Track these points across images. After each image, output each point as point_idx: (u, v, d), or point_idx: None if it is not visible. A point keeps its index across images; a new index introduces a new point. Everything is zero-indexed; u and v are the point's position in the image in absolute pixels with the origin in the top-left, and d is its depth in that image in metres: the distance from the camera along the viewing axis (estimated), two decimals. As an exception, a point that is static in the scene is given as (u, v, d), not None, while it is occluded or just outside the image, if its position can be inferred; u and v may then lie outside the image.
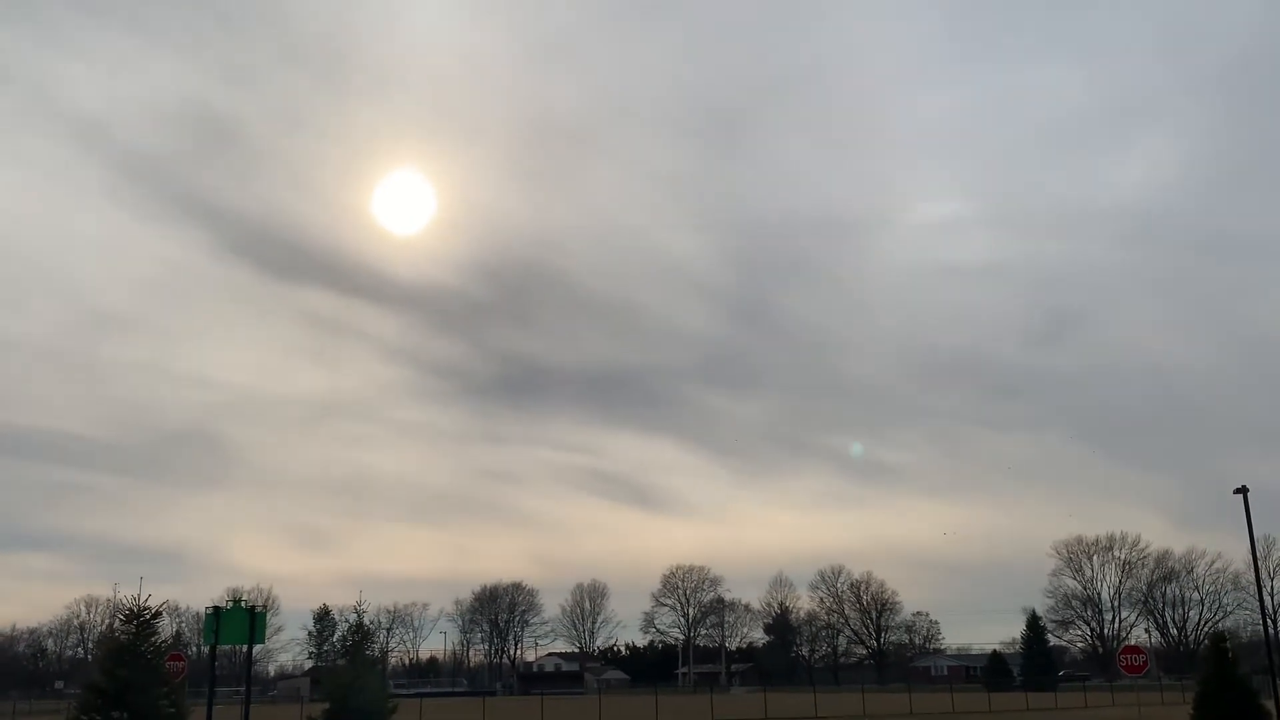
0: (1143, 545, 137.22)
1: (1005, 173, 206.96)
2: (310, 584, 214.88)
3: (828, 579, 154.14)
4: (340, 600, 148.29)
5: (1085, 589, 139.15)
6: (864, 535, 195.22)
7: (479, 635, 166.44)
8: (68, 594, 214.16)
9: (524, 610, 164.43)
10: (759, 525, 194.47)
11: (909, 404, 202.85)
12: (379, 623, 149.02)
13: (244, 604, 31.04)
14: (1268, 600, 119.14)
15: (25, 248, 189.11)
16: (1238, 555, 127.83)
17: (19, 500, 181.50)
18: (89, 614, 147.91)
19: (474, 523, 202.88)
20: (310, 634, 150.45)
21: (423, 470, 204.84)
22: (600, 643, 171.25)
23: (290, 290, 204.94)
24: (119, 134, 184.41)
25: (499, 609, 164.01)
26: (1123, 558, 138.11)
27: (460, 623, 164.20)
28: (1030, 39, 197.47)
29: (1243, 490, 39.93)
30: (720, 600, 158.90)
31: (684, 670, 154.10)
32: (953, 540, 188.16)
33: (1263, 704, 26.43)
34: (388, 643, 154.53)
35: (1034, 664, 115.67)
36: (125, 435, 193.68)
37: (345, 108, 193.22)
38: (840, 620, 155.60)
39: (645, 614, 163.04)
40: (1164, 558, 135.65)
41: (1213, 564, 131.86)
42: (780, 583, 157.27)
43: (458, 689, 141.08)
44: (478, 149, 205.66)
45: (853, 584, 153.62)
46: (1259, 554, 46.24)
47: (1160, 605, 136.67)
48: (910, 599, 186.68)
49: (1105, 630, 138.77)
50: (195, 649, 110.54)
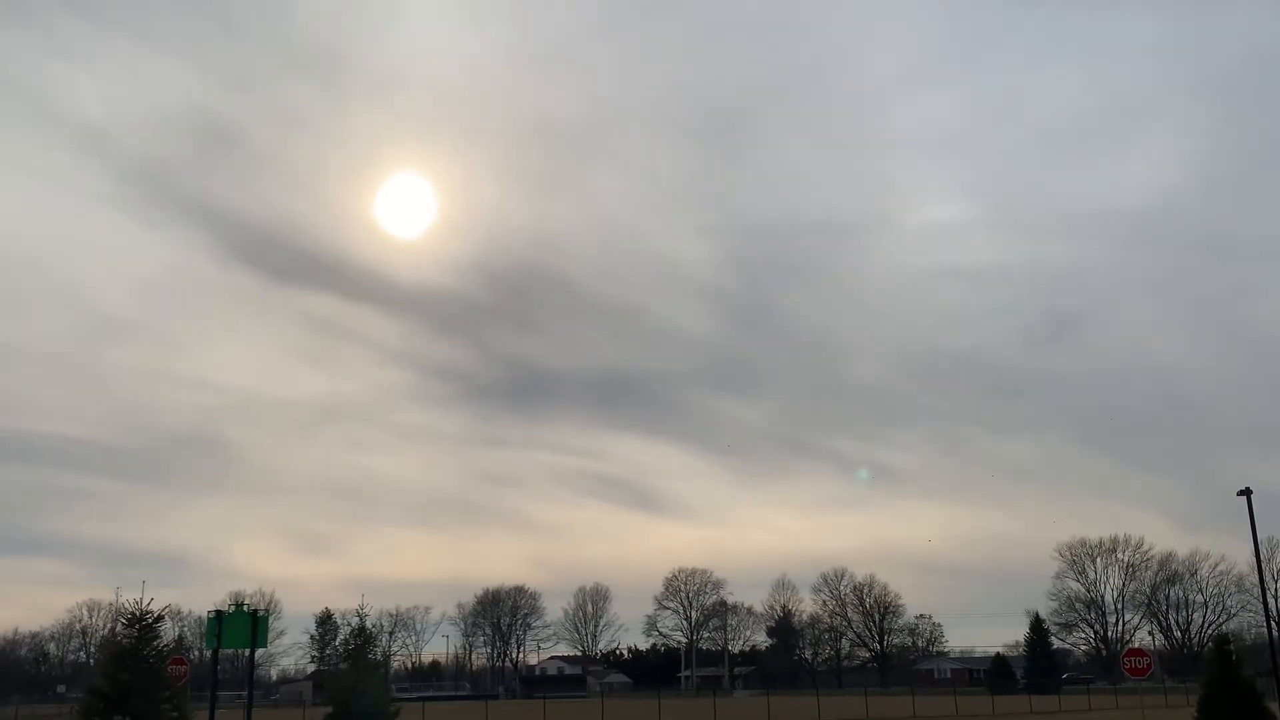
0: (1146, 547, 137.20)
1: (1006, 174, 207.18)
2: (312, 588, 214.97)
3: (830, 582, 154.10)
4: (342, 604, 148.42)
5: (1088, 591, 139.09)
6: (866, 537, 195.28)
7: (481, 639, 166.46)
8: (70, 598, 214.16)
9: (526, 614, 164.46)
10: (761, 528, 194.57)
11: (911, 406, 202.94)
12: (381, 626, 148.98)
13: (246, 608, 31.02)
14: (1271, 603, 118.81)
15: (28, 252, 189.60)
16: (1241, 557, 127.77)
17: (21, 504, 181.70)
18: (91, 618, 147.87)
19: (476, 526, 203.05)
20: (312, 638, 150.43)
21: (425, 473, 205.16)
22: (603, 646, 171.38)
23: (292, 294, 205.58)
24: (121, 139, 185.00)
25: (501, 612, 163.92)
26: (1126, 560, 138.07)
27: (462, 626, 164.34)
28: (1031, 40, 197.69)
29: (1246, 492, 39.90)
30: (723, 603, 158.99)
31: (687, 673, 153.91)
32: (955, 543, 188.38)
33: (1267, 706, 26.36)
34: (390, 646, 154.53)
35: (1037, 667, 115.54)
36: (127, 439, 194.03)
37: (346, 112, 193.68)
38: (843, 623, 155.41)
39: (648, 617, 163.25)
40: (1167, 560, 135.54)
41: (1216, 566, 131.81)
42: (783, 585, 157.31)
43: (460, 693, 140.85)
44: (478, 152, 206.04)
45: (855, 586, 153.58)
46: (1263, 556, 46.19)
47: (1164, 608, 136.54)
48: (913, 602, 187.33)
49: (1109, 633, 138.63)
50: (197, 653, 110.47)
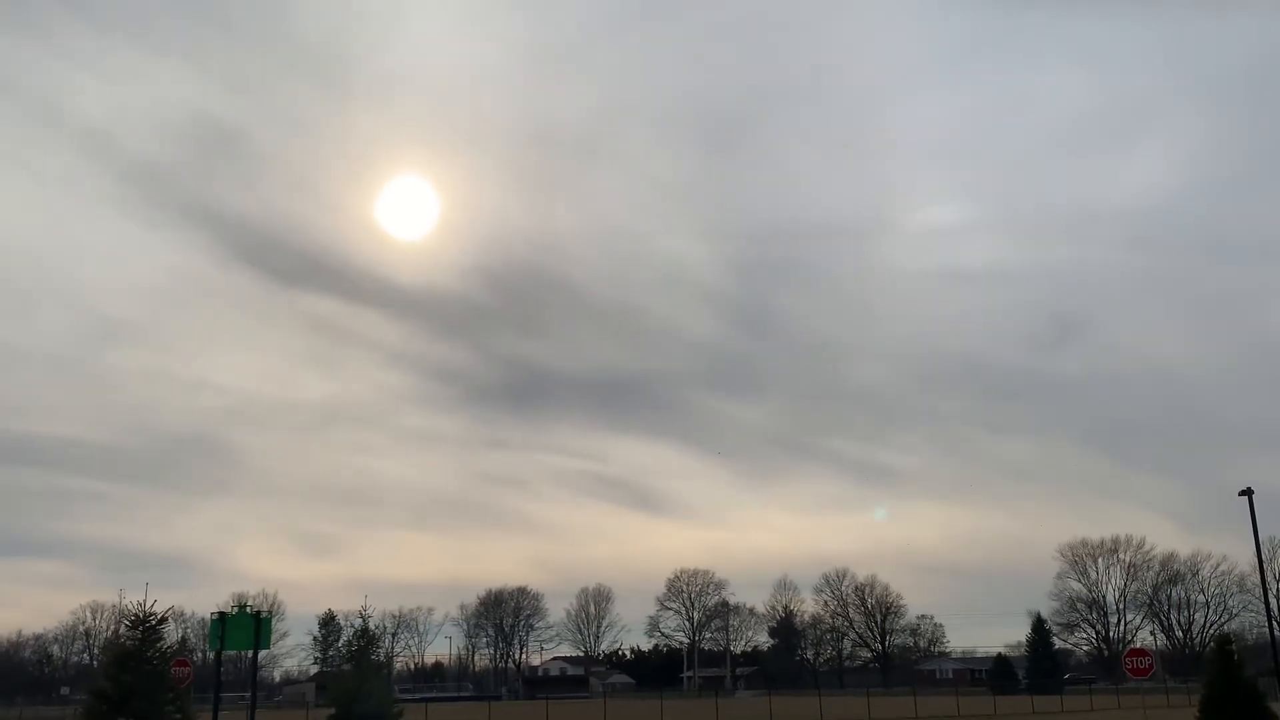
0: (1148, 548, 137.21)
1: (1007, 176, 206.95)
2: (315, 589, 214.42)
3: (832, 582, 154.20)
4: (345, 605, 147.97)
5: (1090, 592, 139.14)
6: (868, 538, 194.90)
7: (484, 640, 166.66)
8: (73, 600, 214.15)
9: (529, 615, 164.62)
10: (763, 529, 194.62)
11: (913, 408, 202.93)
12: (384, 628, 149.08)
13: (249, 609, 31.10)
14: (1273, 603, 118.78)
15: (32, 256, 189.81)
16: (1243, 557, 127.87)
17: (25, 507, 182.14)
18: (95, 620, 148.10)
19: (478, 528, 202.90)
20: (315, 639, 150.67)
21: (427, 475, 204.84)
22: (605, 647, 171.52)
23: (295, 296, 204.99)
24: (124, 143, 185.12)
25: (504, 613, 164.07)
26: (1128, 560, 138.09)
27: (465, 627, 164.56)
28: (1032, 43, 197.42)
29: (1248, 492, 39.92)
30: (725, 604, 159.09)
31: (689, 674, 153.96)
32: (956, 543, 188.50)
33: (1269, 707, 26.38)
34: (393, 648, 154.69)
35: (1039, 667, 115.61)
36: (131, 441, 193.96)
37: (348, 114, 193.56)
38: (845, 624, 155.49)
39: (650, 618, 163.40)
40: (1169, 560, 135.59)
41: (1218, 566, 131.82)
42: (784, 586, 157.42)
43: (463, 694, 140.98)
44: (481, 155, 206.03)
45: (857, 587, 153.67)
46: (1264, 556, 46.25)
47: (1165, 608, 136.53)
48: (915, 602, 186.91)
49: (1110, 633, 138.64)
50: (201, 655, 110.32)
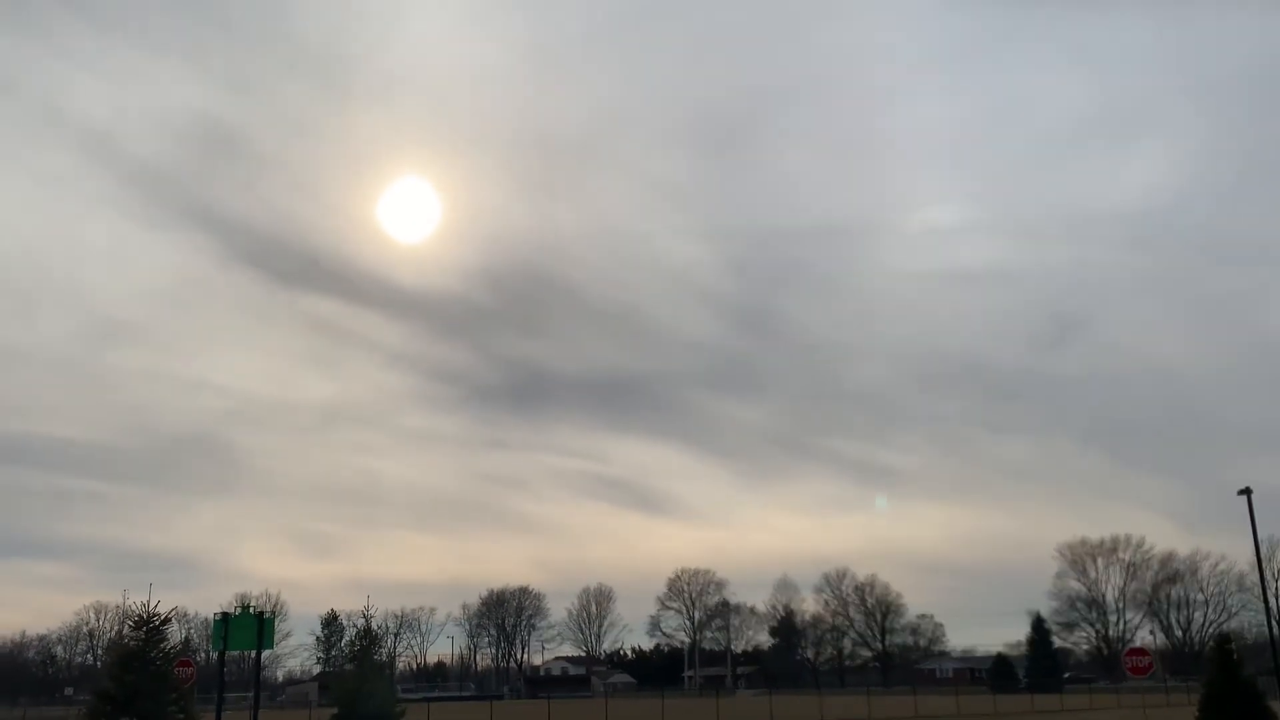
0: (1147, 547, 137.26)
1: (1007, 177, 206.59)
2: (317, 589, 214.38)
3: (832, 582, 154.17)
4: (348, 605, 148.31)
5: (1090, 591, 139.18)
6: (868, 538, 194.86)
7: (486, 640, 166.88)
8: (77, 601, 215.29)
9: (530, 615, 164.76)
10: (763, 529, 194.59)
11: (912, 408, 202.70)
12: (386, 628, 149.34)
13: (252, 610, 31.25)
14: (1272, 601, 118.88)
15: (34, 257, 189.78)
16: (1242, 557, 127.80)
17: (29, 508, 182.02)
18: (98, 621, 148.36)
19: (480, 528, 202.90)
20: (318, 639, 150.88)
21: (429, 476, 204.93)
22: (607, 646, 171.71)
23: (296, 297, 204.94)
24: (126, 144, 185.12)
25: (506, 613, 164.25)
26: (1127, 559, 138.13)
27: (467, 627, 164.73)
28: (1031, 44, 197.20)
29: (1247, 492, 40.07)
30: (725, 603, 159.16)
31: (690, 673, 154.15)
32: (956, 543, 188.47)
33: (1268, 705, 26.51)
34: (395, 648, 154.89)
35: (1039, 666, 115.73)
36: (133, 442, 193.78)
37: (350, 116, 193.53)
38: (845, 623, 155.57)
39: (651, 618, 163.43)
40: (1168, 559, 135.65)
41: (1217, 565, 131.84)
42: (785, 586, 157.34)
43: (465, 693, 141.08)
44: (482, 157, 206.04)
45: (857, 586, 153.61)
46: (1263, 555, 46.32)
47: (1165, 607, 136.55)
48: (915, 601, 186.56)
49: (1110, 632, 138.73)
50: (204, 655, 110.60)
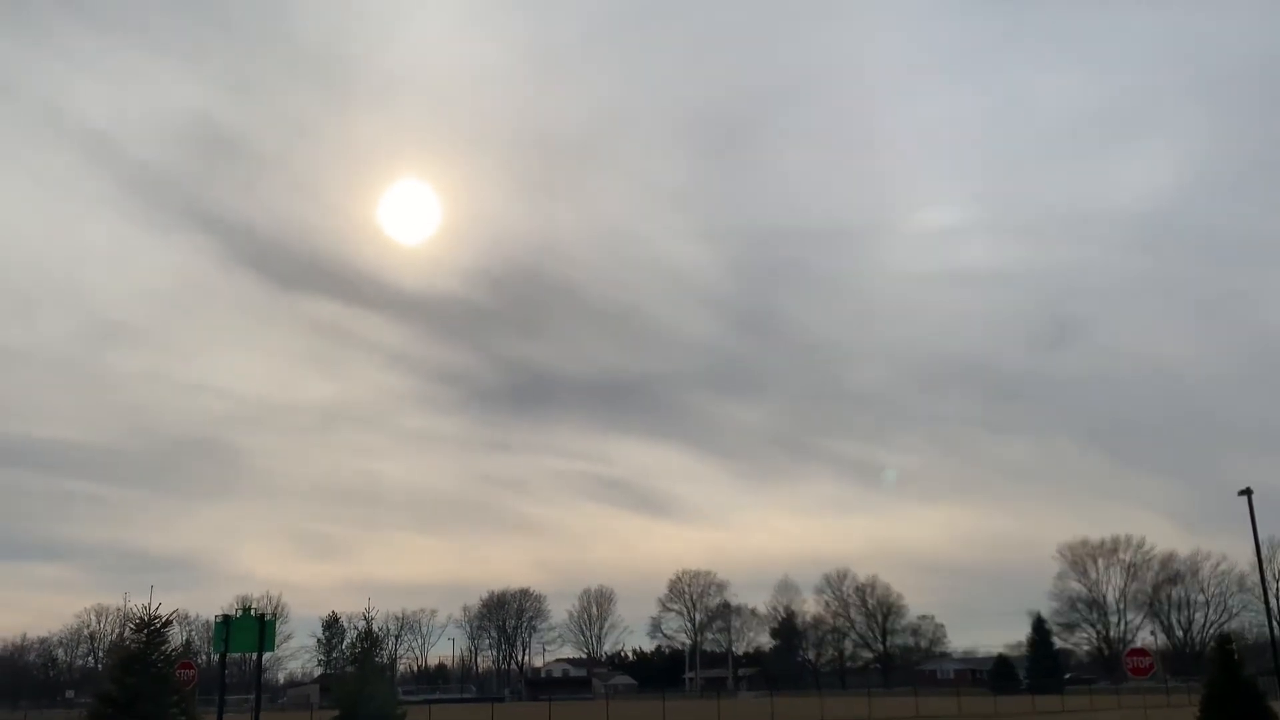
0: (1148, 547, 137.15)
1: (1007, 177, 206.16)
2: (318, 591, 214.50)
3: (833, 583, 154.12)
4: (349, 607, 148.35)
5: (1090, 592, 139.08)
6: (869, 539, 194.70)
7: (487, 642, 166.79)
8: (78, 603, 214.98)
9: (532, 616, 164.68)
10: (764, 530, 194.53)
11: (913, 409, 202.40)
12: (387, 630, 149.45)
13: (253, 612, 31.28)
14: (1273, 602, 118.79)
15: (34, 259, 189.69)
16: (1243, 557, 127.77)
17: (29, 510, 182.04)
18: (99, 623, 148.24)
19: (481, 529, 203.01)
20: (319, 641, 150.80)
21: (430, 477, 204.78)
22: (608, 648, 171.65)
23: (297, 299, 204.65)
24: (126, 147, 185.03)
25: (507, 615, 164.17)
26: (1128, 560, 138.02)
27: (468, 629, 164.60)
28: (1031, 43, 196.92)
29: (1247, 492, 40.08)
30: (726, 605, 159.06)
31: (691, 675, 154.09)
32: (957, 543, 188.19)
33: (1269, 706, 26.51)
34: (396, 650, 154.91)
35: (1040, 667, 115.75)
36: (134, 444, 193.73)
37: (350, 118, 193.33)
38: (846, 624, 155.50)
39: (652, 619, 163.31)
40: (1169, 560, 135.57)
41: (1218, 566, 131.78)
42: (785, 587, 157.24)
43: (466, 695, 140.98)
44: (482, 158, 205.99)
45: (858, 588, 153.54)
46: (1264, 555, 46.33)
47: (1166, 608, 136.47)
48: (916, 602, 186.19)
49: (1111, 633, 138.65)
50: (205, 657, 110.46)
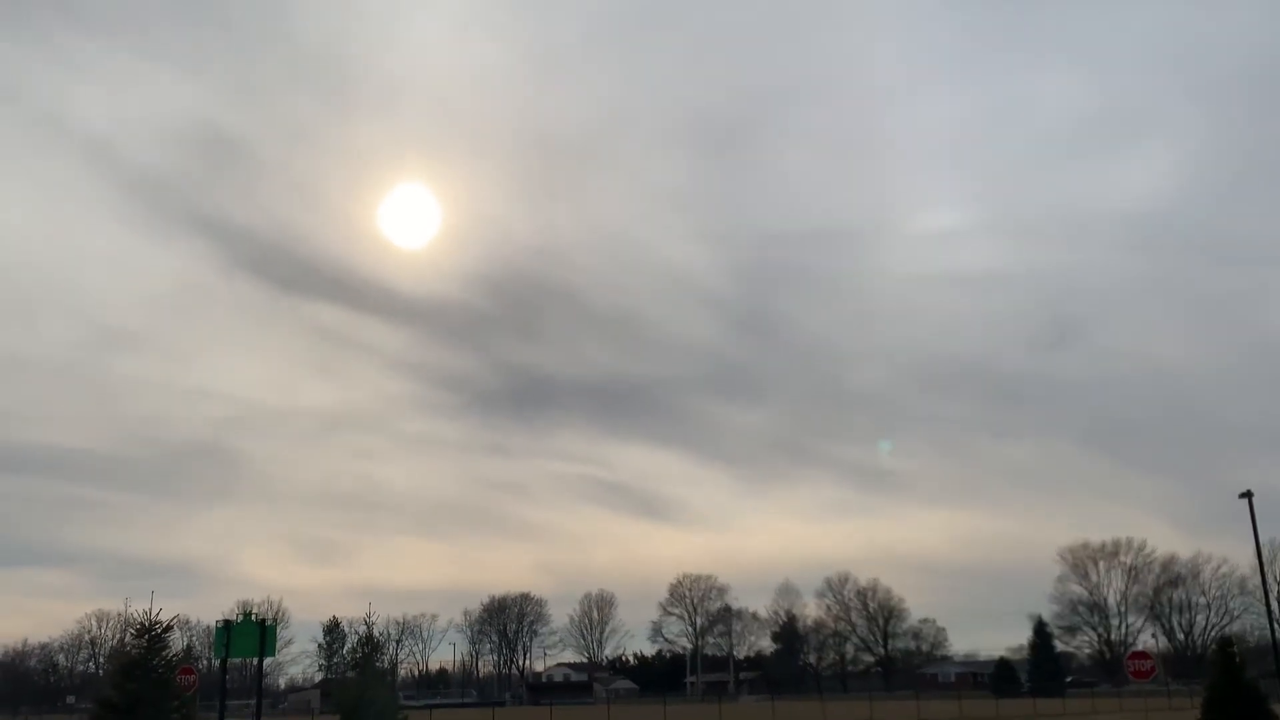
0: (1148, 550, 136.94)
1: (1007, 179, 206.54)
2: (319, 596, 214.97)
3: (834, 586, 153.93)
4: (349, 612, 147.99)
5: (1091, 595, 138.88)
6: (870, 543, 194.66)
7: (488, 646, 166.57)
8: (79, 609, 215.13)
9: (532, 621, 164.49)
10: (765, 534, 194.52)
11: (914, 412, 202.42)
12: (388, 634, 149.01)
13: (254, 617, 31.33)
14: (1275, 605, 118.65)
15: (35, 265, 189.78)
16: (1244, 560, 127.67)
17: (30, 516, 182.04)
18: (100, 629, 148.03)
19: (482, 534, 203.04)
20: (320, 646, 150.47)
21: (430, 482, 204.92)
22: (609, 652, 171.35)
23: (297, 304, 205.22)
24: (126, 152, 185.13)
25: (507, 620, 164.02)
26: (1129, 563, 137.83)
27: (469, 634, 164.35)
28: (1030, 45, 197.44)
29: (1248, 495, 40.11)
30: (727, 609, 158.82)
31: (692, 679, 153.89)
32: (958, 546, 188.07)
33: (1271, 709, 26.49)
34: (397, 654, 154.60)
35: (1041, 670, 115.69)
36: (135, 450, 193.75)
37: (350, 123, 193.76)
38: (847, 627, 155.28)
39: (653, 623, 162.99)
40: (1170, 563, 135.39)
41: (1219, 569, 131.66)
42: (787, 591, 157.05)
43: (467, 700, 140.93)
44: (482, 162, 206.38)
45: (859, 591, 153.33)
46: (1265, 558, 46.32)
47: (1167, 610, 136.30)
48: (917, 605, 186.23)
49: (1112, 636, 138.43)
50: (206, 662, 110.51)
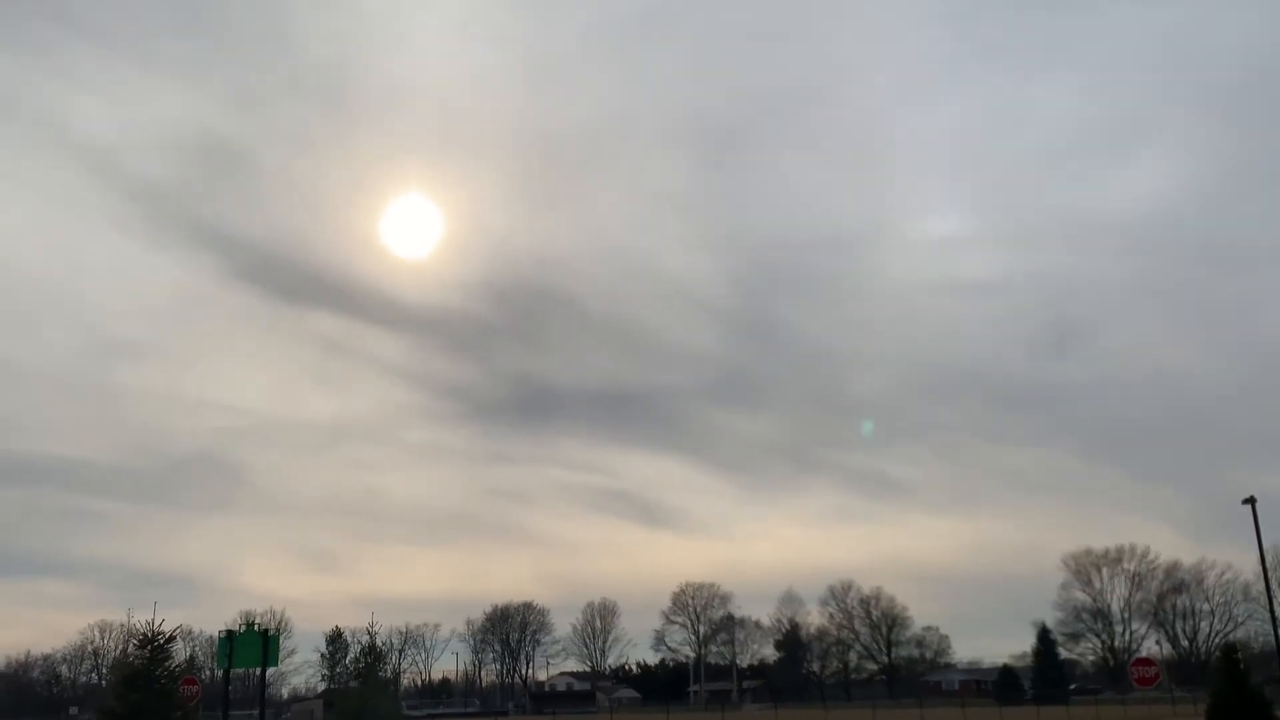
0: (1152, 557, 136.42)
1: (1007, 186, 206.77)
2: (322, 606, 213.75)
3: (837, 594, 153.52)
4: (352, 622, 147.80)
5: (1095, 601, 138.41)
6: (872, 550, 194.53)
7: (490, 655, 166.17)
8: (81, 620, 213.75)
9: (535, 630, 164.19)
10: (768, 541, 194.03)
11: (915, 419, 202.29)
12: (391, 644, 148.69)
13: (257, 627, 31.33)
14: (1278, 611, 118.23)
15: (36, 275, 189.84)
16: (1247, 566, 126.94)
17: (32, 527, 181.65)
18: (103, 639, 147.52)
19: (484, 543, 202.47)
20: (323, 656, 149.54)
21: (433, 491, 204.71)
22: (611, 661, 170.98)
23: (300, 314, 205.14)
24: (128, 162, 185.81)
25: (510, 629, 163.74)
26: (1132, 569, 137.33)
27: (472, 643, 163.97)
28: (1031, 52, 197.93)
29: (1251, 501, 40.10)
30: (730, 617, 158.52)
31: (695, 688, 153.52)
32: (961, 553, 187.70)
33: (1276, 715, 26.45)
34: (400, 664, 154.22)
35: (1045, 677, 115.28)
36: (137, 460, 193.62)
37: (351, 131, 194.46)
38: (850, 636, 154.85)
39: (656, 632, 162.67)
40: (1174, 569, 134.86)
41: (1223, 575, 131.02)
42: (790, 599, 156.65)
43: (470, 709, 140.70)
44: (483, 171, 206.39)
45: (862, 599, 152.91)
46: (1269, 564, 46.22)
47: (1171, 617, 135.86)
48: (920, 613, 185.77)
49: (1116, 643, 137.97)
50: (209, 673, 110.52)
